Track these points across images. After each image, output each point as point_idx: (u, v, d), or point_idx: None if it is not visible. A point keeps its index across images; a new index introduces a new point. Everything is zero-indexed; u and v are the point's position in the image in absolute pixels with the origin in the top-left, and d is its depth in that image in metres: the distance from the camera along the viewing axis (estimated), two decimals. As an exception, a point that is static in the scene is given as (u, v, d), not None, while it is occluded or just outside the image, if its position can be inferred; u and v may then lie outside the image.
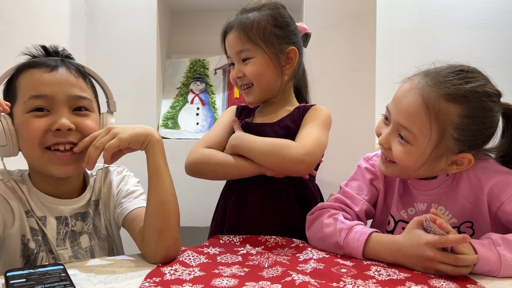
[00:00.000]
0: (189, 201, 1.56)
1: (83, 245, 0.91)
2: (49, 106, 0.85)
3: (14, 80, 0.87)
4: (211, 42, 1.78)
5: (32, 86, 0.85)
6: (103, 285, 0.71)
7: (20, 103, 0.84)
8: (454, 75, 0.83)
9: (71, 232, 0.90)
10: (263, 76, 1.04)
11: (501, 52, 1.87)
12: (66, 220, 0.90)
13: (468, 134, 0.82)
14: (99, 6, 1.57)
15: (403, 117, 0.85)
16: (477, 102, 0.80)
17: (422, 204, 0.92)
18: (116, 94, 1.57)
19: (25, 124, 0.83)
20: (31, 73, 0.85)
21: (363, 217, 0.96)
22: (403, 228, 0.90)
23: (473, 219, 0.89)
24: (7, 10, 1.16)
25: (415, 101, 0.83)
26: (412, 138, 0.84)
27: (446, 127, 0.81)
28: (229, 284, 0.71)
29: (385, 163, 0.92)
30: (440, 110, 0.81)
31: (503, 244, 0.77)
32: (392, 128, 0.88)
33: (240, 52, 1.04)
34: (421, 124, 0.82)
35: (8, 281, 0.68)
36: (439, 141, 0.83)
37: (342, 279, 0.73)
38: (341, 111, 1.47)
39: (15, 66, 0.87)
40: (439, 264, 0.75)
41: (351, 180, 1.01)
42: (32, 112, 0.84)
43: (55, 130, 0.83)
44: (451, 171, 0.87)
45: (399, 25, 1.88)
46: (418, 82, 0.85)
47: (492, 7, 1.89)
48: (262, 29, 1.02)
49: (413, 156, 0.85)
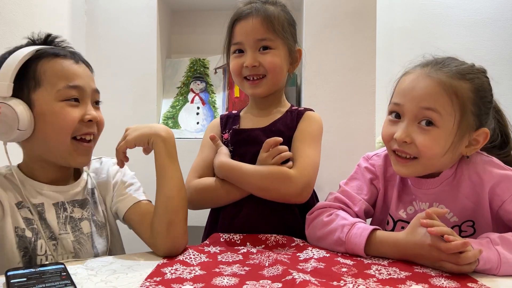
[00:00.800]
0: (189, 200, 1.56)
1: (84, 231, 0.91)
2: (80, 97, 0.88)
3: (33, 65, 0.85)
4: (211, 41, 1.78)
5: (65, 76, 0.87)
6: (103, 284, 0.71)
7: (48, 90, 0.85)
8: (449, 61, 0.87)
9: (71, 218, 0.90)
10: (281, 69, 1.03)
11: (501, 51, 1.87)
12: (64, 206, 0.90)
13: (482, 107, 0.85)
14: (99, 6, 1.57)
15: (423, 100, 0.84)
16: (479, 77, 0.86)
17: (424, 204, 0.92)
18: (116, 94, 1.59)
19: (60, 113, 0.85)
20: (59, 62, 0.87)
21: (362, 217, 0.96)
22: (402, 228, 0.90)
23: (474, 218, 0.89)
24: (7, 9, 1.16)
25: (430, 84, 0.84)
26: (438, 119, 0.83)
27: (466, 103, 0.83)
28: (229, 283, 0.71)
29: (402, 162, 0.88)
30: (456, 88, 0.83)
31: (501, 243, 0.78)
32: (409, 120, 0.86)
33: (262, 40, 1.01)
34: (444, 103, 0.83)
35: (8, 280, 0.68)
36: (461, 119, 0.83)
37: (342, 278, 0.73)
38: (341, 110, 1.47)
39: (32, 51, 0.85)
40: (444, 262, 0.76)
41: (351, 179, 1.00)
42: (67, 101, 0.86)
43: (87, 121, 0.88)
44: (470, 153, 0.87)
45: (399, 24, 1.88)
46: (421, 71, 0.87)
47: (492, 6, 1.89)
48: (282, 23, 1.02)
49: (441, 140, 0.83)
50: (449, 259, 0.75)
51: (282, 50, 1.03)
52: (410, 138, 0.85)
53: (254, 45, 1.02)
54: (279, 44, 1.03)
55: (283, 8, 1.06)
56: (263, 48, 1.02)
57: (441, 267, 0.76)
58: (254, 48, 1.02)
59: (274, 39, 1.02)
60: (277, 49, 1.02)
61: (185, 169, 1.54)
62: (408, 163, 0.87)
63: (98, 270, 0.78)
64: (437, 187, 0.91)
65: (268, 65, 1.01)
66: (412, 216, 0.87)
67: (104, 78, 1.57)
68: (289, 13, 1.07)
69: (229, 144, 1.07)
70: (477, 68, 0.88)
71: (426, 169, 0.89)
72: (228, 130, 1.09)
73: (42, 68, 0.86)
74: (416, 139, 0.84)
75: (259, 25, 1.01)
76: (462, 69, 0.85)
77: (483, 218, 0.88)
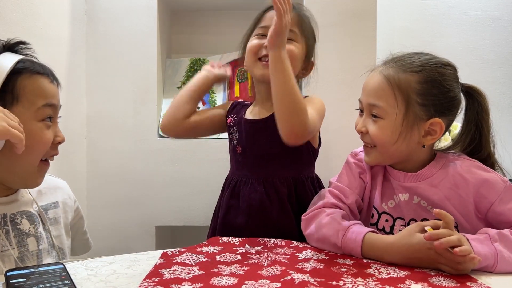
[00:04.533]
0: (189, 200, 1.56)
1: (30, 248, 0.88)
2: (53, 115, 0.87)
3: (13, 79, 0.82)
4: (211, 41, 1.77)
5: (44, 94, 0.85)
6: (103, 284, 0.71)
7: (26, 108, 0.82)
8: (409, 56, 0.92)
9: (17, 231, 0.87)
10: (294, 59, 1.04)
11: (502, 50, 1.87)
12: (5, 218, 0.86)
13: (431, 98, 0.88)
14: (99, 6, 1.57)
15: (370, 96, 0.92)
16: (431, 69, 0.89)
17: (404, 195, 0.94)
18: (116, 93, 1.59)
19: (38, 134, 0.83)
20: (38, 79, 0.85)
21: (354, 209, 0.98)
22: (386, 221, 0.95)
23: (456, 221, 0.88)
24: (7, 9, 1.16)
25: (378, 79, 0.91)
26: (382, 112, 0.90)
27: (409, 94, 0.88)
28: (228, 283, 0.71)
29: (365, 151, 0.97)
30: (400, 80, 0.89)
31: (499, 240, 0.78)
32: (365, 114, 0.95)
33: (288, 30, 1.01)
34: (386, 96, 0.89)
35: (8, 280, 0.68)
36: (406, 109, 0.88)
37: (342, 278, 0.73)
38: (341, 109, 1.46)
39: (13, 65, 0.82)
40: (441, 265, 0.76)
41: (341, 175, 1.02)
42: (45, 122, 0.85)
43: (57, 143, 0.87)
44: (427, 142, 0.91)
45: (400, 24, 1.88)
46: (378, 68, 0.94)
47: (492, 5, 1.88)
48: (308, 26, 1.10)
49: (387, 129, 0.90)
50: (448, 264, 0.75)
51: (301, 47, 1.06)
52: (365, 128, 0.94)
53: None
54: (300, 40, 1.06)
55: (313, 19, 1.12)
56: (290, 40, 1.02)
57: (437, 268, 0.77)
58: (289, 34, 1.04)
59: (298, 33, 1.06)
60: (297, 42, 1.05)
61: (186, 170, 1.56)
62: (369, 151, 0.96)
63: (98, 270, 0.78)
64: (416, 183, 0.92)
65: (289, 53, 1.00)
66: (394, 209, 0.94)
67: (104, 78, 1.58)
68: (315, 27, 1.12)
69: (230, 128, 1.13)
70: (436, 61, 0.90)
71: (385, 156, 0.94)
72: (233, 116, 1.13)
73: (21, 84, 0.83)
74: (369, 129, 0.93)
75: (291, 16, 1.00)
76: (415, 62, 0.90)
77: (466, 220, 0.88)
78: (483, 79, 0.93)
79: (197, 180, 1.56)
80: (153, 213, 1.57)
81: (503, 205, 0.85)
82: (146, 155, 1.56)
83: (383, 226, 0.96)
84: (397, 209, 0.95)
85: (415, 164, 0.94)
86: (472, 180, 0.87)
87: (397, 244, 0.81)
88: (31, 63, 0.87)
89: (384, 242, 0.83)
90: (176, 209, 1.57)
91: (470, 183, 0.87)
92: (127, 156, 1.57)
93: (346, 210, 0.95)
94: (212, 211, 1.17)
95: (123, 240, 1.19)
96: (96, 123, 1.57)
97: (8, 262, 0.83)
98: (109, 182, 1.56)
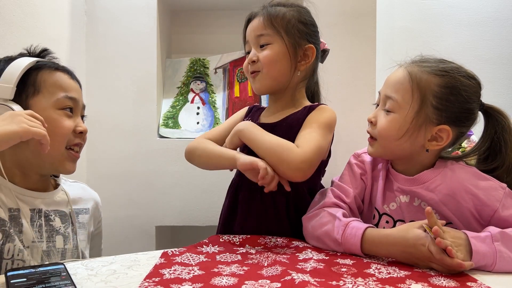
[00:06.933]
0: (189, 200, 1.56)
1: (57, 245, 0.92)
2: (74, 108, 0.94)
3: (33, 74, 0.90)
4: (211, 41, 1.78)
5: (63, 87, 0.93)
6: (103, 284, 0.71)
7: (46, 98, 0.90)
8: (438, 60, 0.93)
9: (49, 226, 0.92)
10: (276, 64, 1.03)
11: (502, 50, 1.87)
12: (40, 213, 0.91)
13: (446, 103, 0.88)
14: (99, 6, 1.58)
15: (389, 88, 0.93)
16: (455, 76, 0.89)
17: (405, 196, 0.94)
18: (116, 93, 1.59)
19: (58, 121, 0.89)
20: (58, 74, 0.93)
21: (354, 208, 0.98)
22: (387, 222, 0.95)
23: (456, 227, 0.88)
24: (7, 10, 1.16)
25: (401, 74, 0.92)
26: (395, 106, 0.91)
27: (426, 95, 0.88)
28: (228, 282, 0.71)
29: (369, 141, 0.98)
30: (421, 79, 0.89)
31: (501, 239, 0.78)
32: (380, 105, 0.96)
33: (260, 36, 1.04)
34: (404, 91, 0.90)
35: (8, 280, 0.68)
36: (420, 108, 0.89)
37: (342, 278, 0.73)
38: (341, 109, 1.45)
39: (33, 61, 0.90)
40: (432, 263, 0.77)
41: (342, 175, 1.03)
42: (64, 111, 0.92)
43: (79, 133, 0.94)
44: (431, 147, 0.91)
45: (400, 23, 1.88)
46: (405, 63, 0.95)
47: (492, 5, 1.89)
48: (286, 20, 1.04)
49: (396, 123, 0.90)
50: (442, 264, 0.75)
51: (281, 46, 1.03)
52: (375, 119, 0.96)
53: (255, 42, 1.05)
54: (277, 40, 1.03)
55: (298, 9, 1.07)
56: (261, 46, 1.04)
57: (429, 266, 0.78)
58: (256, 45, 1.05)
59: (272, 34, 1.03)
60: (274, 44, 1.03)
61: (186, 170, 1.56)
62: (372, 142, 0.97)
63: (98, 270, 0.78)
64: (413, 187, 0.93)
65: (262, 59, 1.03)
66: (395, 211, 0.95)
67: (104, 78, 1.58)
68: (304, 13, 1.08)
69: None
70: (462, 71, 0.90)
71: (386, 151, 0.95)
72: (249, 119, 1.13)
73: (42, 78, 0.91)
74: (378, 120, 0.95)
75: (259, 22, 1.04)
76: (441, 67, 0.90)
77: (464, 226, 0.88)
78: (483, 79, 0.93)
79: (197, 180, 1.56)
80: (153, 213, 1.57)
81: (506, 211, 0.85)
82: (146, 155, 1.57)
83: (383, 227, 0.96)
84: (398, 211, 0.95)
85: (416, 167, 0.94)
86: (470, 187, 0.88)
87: (393, 235, 0.81)
88: (51, 62, 0.96)
89: (382, 234, 0.83)
90: (176, 209, 1.57)
91: (468, 189, 0.88)
92: (127, 156, 1.57)
93: (346, 210, 0.96)
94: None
95: (123, 240, 1.19)
96: (96, 123, 1.57)
97: (36, 253, 0.88)
98: (109, 182, 1.56)
